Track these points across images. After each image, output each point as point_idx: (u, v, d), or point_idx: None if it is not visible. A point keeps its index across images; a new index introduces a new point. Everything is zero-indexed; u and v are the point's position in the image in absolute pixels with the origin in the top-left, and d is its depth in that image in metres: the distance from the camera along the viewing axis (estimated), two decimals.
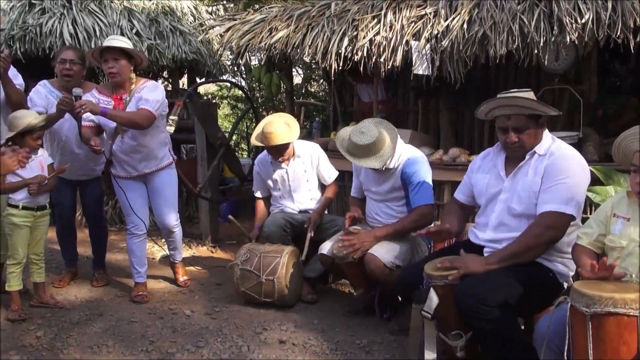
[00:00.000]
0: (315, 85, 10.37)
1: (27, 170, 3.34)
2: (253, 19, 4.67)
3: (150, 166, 3.72)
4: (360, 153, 3.19)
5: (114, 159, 3.68)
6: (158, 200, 3.80)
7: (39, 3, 5.61)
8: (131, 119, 3.45)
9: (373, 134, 3.17)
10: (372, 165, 3.20)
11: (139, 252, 3.81)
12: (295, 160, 3.90)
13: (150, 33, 5.99)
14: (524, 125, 2.48)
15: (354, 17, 4.16)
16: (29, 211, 3.39)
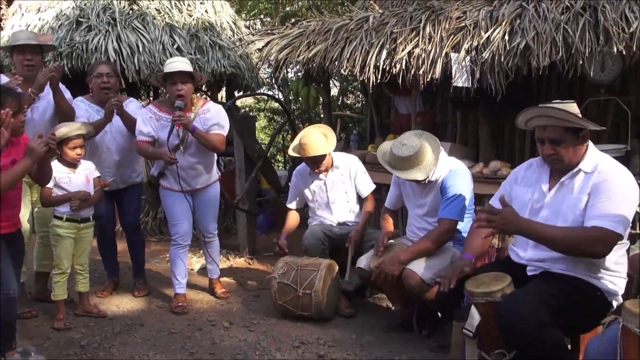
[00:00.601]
0: (351, 97, 10.39)
1: (71, 184, 3.46)
2: (291, 33, 4.73)
3: (202, 182, 3.85)
4: (403, 165, 3.16)
5: (169, 173, 3.78)
6: (202, 212, 3.93)
7: (86, 21, 5.83)
8: (213, 143, 3.68)
9: (415, 146, 3.15)
10: (415, 177, 3.16)
11: (181, 263, 3.89)
12: (333, 171, 3.91)
13: (191, 48, 6.15)
14: (560, 137, 2.41)
15: (392, 30, 4.16)
16: (73, 223, 3.50)
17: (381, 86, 5.29)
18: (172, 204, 3.82)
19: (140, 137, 3.67)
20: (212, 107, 3.79)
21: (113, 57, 5.58)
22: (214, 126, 3.70)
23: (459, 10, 4.11)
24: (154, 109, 3.73)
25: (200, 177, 3.83)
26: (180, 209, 3.81)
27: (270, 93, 9.64)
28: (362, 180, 3.96)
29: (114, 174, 3.92)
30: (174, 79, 3.60)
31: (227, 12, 7.13)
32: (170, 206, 3.83)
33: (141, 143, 3.67)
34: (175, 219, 3.83)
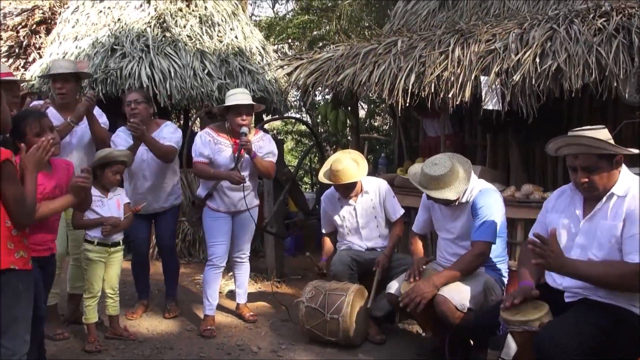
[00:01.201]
0: (379, 119, 10.41)
1: (104, 208, 3.52)
2: (320, 57, 4.77)
3: (248, 204, 3.94)
4: (434, 185, 3.13)
5: (217, 194, 3.88)
6: (240, 233, 4.02)
7: (120, 48, 6.01)
8: (268, 169, 3.89)
9: (447, 165, 3.13)
10: (446, 197, 3.12)
11: (214, 284, 3.91)
12: (363, 196, 3.89)
13: (221, 73, 6.26)
14: (593, 164, 2.36)
15: (420, 53, 4.17)
16: (104, 247, 3.54)
17: (409, 109, 5.29)
18: (214, 224, 3.89)
19: (200, 158, 3.80)
20: (265, 136, 3.99)
21: (146, 82, 5.72)
22: (268, 154, 3.91)
23: (488, 34, 4.10)
24: (212, 133, 3.86)
25: (245, 198, 3.91)
26: (221, 230, 3.89)
27: (298, 116, 9.72)
28: (392, 204, 3.93)
29: (150, 199, 3.98)
30: (239, 109, 3.76)
31: (257, 37, 7.26)
32: (212, 227, 3.90)
33: (200, 165, 3.80)
34: (215, 239, 3.89)
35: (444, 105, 4.11)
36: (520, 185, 4.19)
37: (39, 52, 7.65)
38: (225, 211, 3.89)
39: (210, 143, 3.80)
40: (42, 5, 8.16)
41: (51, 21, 7.94)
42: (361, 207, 3.88)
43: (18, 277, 2.28)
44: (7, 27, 7.90)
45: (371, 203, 3.89)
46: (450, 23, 5.10)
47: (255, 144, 3.85)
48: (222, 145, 3.81)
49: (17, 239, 2.31)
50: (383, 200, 3.90)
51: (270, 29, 11.20)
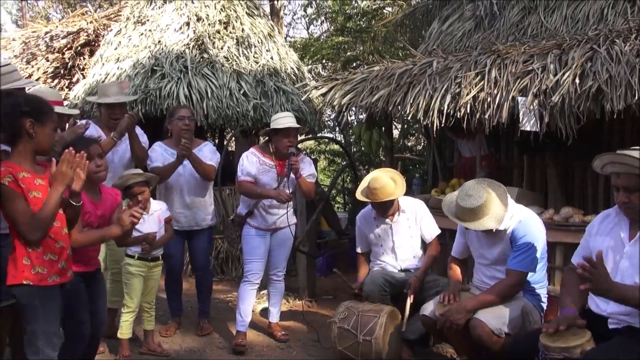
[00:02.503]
0: (412, 139, 10.36)
1: (145, 224, 3.59)
2: (354, 78, 4.81)
3: (285, 222, 4.00)
4: (471, 217, 3.09)
5: (258, 212, 3.96)
6: (278, 251, 4.06)
7: (160, 69, 6.19)
8: (310, 190, 4.02)
9: (481, 196, 3.07)
10: (486, 227, 3.07)
11: (248, 301, 3.94)
12: (399, 215, 3.86)
13: (256, 93, 6.38)
14: (634, 185, 2.30)
15: (456, 74, 4.15)
16: (144, 262, 3.62)
17: (444, 129, 5.26)
18: (253, 241, 3.95)
19: (247, 177, 3.89)
20: (305, 158, 4.07)
21: (184, 102, 5.86)
22: (309, 176, 3.99)
23: (525, 54, 4.06)
24: (258, 153, 3.96)
25: (284, 216, 3.98)
26: (259, 247, 3.95)
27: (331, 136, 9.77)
28: (428, 225, 3.89)
29: (186, 215, 4.05)
30: (288, 132, 3.86)
31: (292, 58, 7.37)
32: (251, 243, 3.96)
33: (246, 183, 3.89)
34: (252, 256, 3.94)
35: (479, 125, 4.07)
36: (559, 208, 4.10)
37: (82, 73, 7.95)
38: (265, 228, 3.96)
39: (256, 163, 3.90)
40: (87, 28, 8.49)
41: (95, 43, 8.26)
42: (397, 226, 3.85)
43: (33, 293, 2.32)
44: (53, 49, 8.23)
45: (407, 222, 3.86)
46: (487, 44, 5.08)
47: (300, 165, 3.92)
48: (266, 166, 3.91)
49: (36, 254, 2.33)
50: (420, 220, 3.87)
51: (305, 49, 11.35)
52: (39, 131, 2.33)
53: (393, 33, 8.10)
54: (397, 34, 8.01)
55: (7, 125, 2.32)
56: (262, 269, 3.98)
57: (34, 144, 2.35)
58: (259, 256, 3.95)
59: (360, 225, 4.00)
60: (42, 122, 2.34)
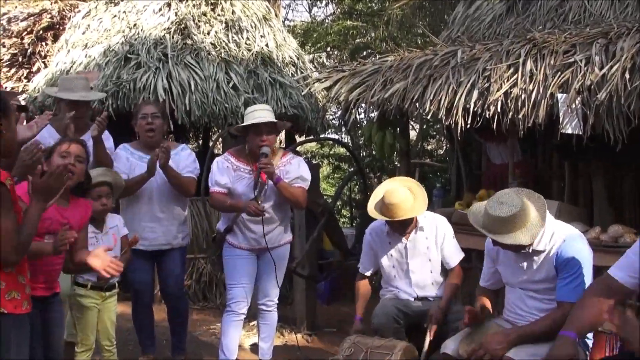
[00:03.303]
0: (432, 142, 10.38)
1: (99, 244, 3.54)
2: (365, 69, 4.82)
3: (273, 242, 3.92)
4: (502, 228, 3.05)
5: (238, 228, 3.89)
6: (267, 275, 3.98)
7: (135, 57, 6.22)
8: (297, 197, 3.86)
9: (515, 203, 3.05)
10: (518, 241, 3.04)
11: (232, 335, 3.90)
12: (417, 233, 3.82)
13: (248, 86, 6.40)
14: None
15: (485, 66, 4.16)
16: (98, 291, 3.52)
17: (470, 131, 5.25)
18: (235, 263, 3.89)
19: (216, 187, 3.82)
20: (294, 158, 3.98)
21: (162, 96, 5.88)
22: (296, 180, 3.87)
23: (566, 44, 4.06)
24: (232, 158, 3.90)
25: (272, 234, 3.90)
26: (243, 270, 3.88)
27: (336, 137, 9.79)
28: (450, 247, 3.84)
29: (155, 231, 3.99)
30: (260, 129, 3.77)
31: (291, 45, 7.39)
32: (232, 266, 3.90)
33: (217, 194, 3.82)
34: (234, 280, 3.89)
35: (512, 127, 4.07)
36: (607, 226, 4.08)
37: (44, 61, 7.99)
38: (247, 248, 3.89)
39: (229, 170, 3.83)
40: (51, 9, 8.54)
41: (59, 27, 8.31)
42: (413, 245, 3.82)
43: (10, 324, 2.29)
44: (11, 33, 8.29)
45: (425, 242, 3.83)
46: (520, 31, 5.10)
47: (281, 169, 3.86)
48: (241, 171, 3.84)
49: (10, 277, 2.31)
50: (441, 241, 3.83)
51: (306, 35, 11.39)
52: (6, 128, 2.26)
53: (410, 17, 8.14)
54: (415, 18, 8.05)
55: None
56: (249, 295, 3.92)
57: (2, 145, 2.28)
58: (243, 281, 3.87)
59: (371, 241, 3.95)
60: (7, 115, 2.28)
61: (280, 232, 3.98)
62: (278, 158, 3.91)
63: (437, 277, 3.86)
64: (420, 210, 3.73)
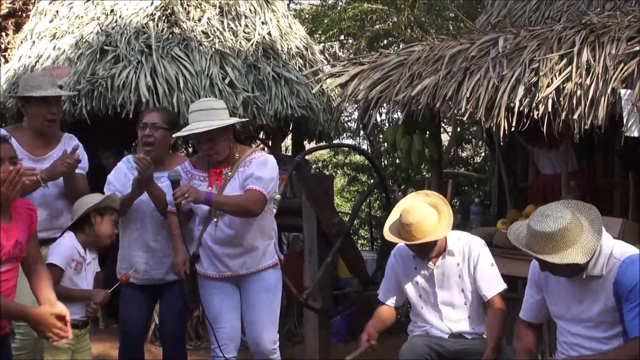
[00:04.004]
0: (468, 148, 10.38)
1: (80, 277, 3.61)
2: (387, 62, 4.84)
3: (249, 265, 3.88)
4: (547, 246, 3.04)
5: (203, 252, 3.89)
6: (253, 313, 3.92)
7: (113, 49, 6.26)
8: (241, 205, 3.73)
9: (564, 217, 3.06)
10: (570, 260, 3.02)
11: None
12: (445, 258, 3.83)
13: (247, 83, 6.43)
14: None
15: (532, 56, 4.17)
16: (74, 330, 3.56)
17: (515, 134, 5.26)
18: (211, 299, 3.88)
19: (170, 207, 3.85)
20: (256, 158, 3.89)
21: (145, 95, 5.92)
22: (247, 180, 3.78)
23: (630, 29, 4.08)
24: (189, 166, 3.95)
25: (245, 256, 3.86)
26: (222, 306, 3.87)
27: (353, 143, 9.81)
28: (485, 274, 3.81)
29: (148, 263, 4.01)
30: (198, 138, 3.80)
31: (297, 33, 7.44)
32: (209, 302, 3.90)
33: (173, 216, 3.85)
34: (215, 321, 3.87)
35: (565, 130, 4.08)
36: None
37: (4, 55, 8.08)
38: (216, 276, 3.87)
39: (182, 181, 3.82)
40: None
41: (23, 14, 8.40)
42: (441, 272, 3.81)
43: None
44: None
45: (456, 269, 3.82)
46: (574, 13, 5.10)
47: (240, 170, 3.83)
48: (197, 180, 3.88)
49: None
50: (473, 267, 3.82)
51: (316, 22, 11.44)
52: None
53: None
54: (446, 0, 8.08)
55: None
56: (236, 334, 3.90)
57: None
58: (224, 321, 3.86)
59: (395, 265, 3.95)
60: None
61: (256, 255, 3.91)
62: (242, 159, 3.88)
63: (474, 310, 3.84)
64: (444, 232, 3.73)
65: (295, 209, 5.50)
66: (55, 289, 3.48)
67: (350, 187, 11.45)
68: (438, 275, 3.83)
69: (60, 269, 3.55)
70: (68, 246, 3.64)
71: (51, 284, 3.00)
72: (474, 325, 3.84)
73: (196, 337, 6.12)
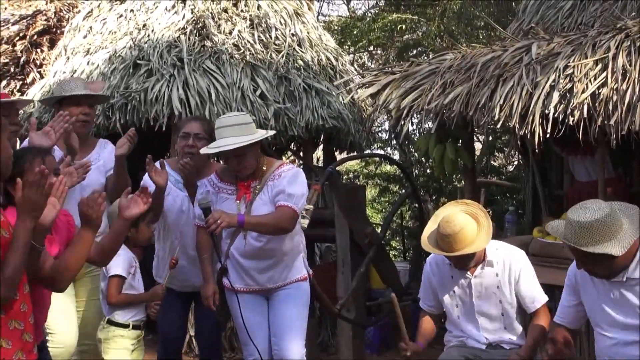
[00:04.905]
0: (500, 157, 10.31)
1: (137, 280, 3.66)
2: (419, 71, 4.84)
3: (277, 279, 3.90)
4: (584, 236, 3.02)
5: (231, 264, 3.90)
6: (279, 325, 3.91)
7: (145, 63, 6.34)
8: (274, 225, 3.74)
9: (602, 209, 3.05)
10: (605, 250, 3.00)
11: None
12: (484, 268, 3.79)
13: (278, 94, 6.46)
14: None
15: (566, 62, 4.15)
16: (137, 331, 3.66)
17: (549, 142, 5.22)
18: (238, 314, 3.86)
19: (197, 220, 3.87)
20: (286, 172, 3.88)
21: (178, 108, 5.97)
22: (278, 196, 3.78)
23: None
24: (215, 179, 3.94)
25: (274, 270, 3.87)
26: (252, 320, 3.87)
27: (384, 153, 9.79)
28: (529, 287, 3.77)
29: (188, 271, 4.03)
30: (226, 155, 3.79)
31: (328, 45, 7.46)
32: (238, 316, 3.88)
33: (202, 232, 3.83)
34: (245, 335, 3.86)
35: (601, 136, 4.04)
36: None
37: (40, 71, 8.20)
38: (244, 289, 3.87)
39: (209, 194, 3.84)
40: (46, 10, 8.78)
41: (57, 30, 8.53)
42: (480, 283, 3.78)
43: None
44: (1, 39, 8.53)
45: (495, 280, 3.78)
46: (609, 18, 5.07)
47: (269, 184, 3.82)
48: (224, 193, 3.87)
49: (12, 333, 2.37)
50: (515, 279, 3.76)
51: (345, 32, 11.47)
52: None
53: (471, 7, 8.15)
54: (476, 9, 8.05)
55: None
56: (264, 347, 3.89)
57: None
58: (253, 332, 3.84)
59: (430, 274, 3.93)
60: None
61: (284, 269, 3.92)
62: (270, 172, 3.88)
63: (512, 321, 3.80)
64: (483, 243, 3.68)
65: (328, 220, 5.51)
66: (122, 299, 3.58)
67: (380, 197, 11.41)
68: (476, 286, 3.79)
69: (124, 278, 3.62)
70: (125, 255, 3.71)
71: None
72: (510, 335, 3.80)
73: (230, 349, 6.12)
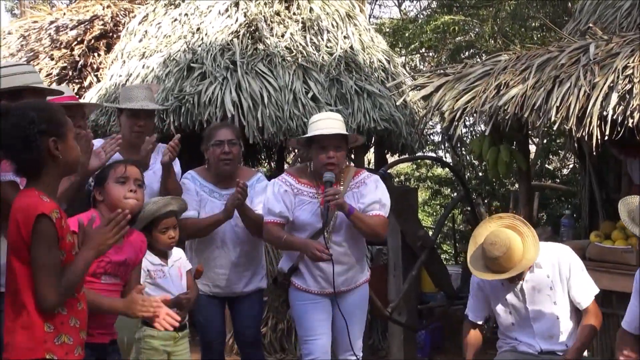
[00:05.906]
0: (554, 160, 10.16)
1: (168, 279, 3.67)
2: (473, 72, 4.81)
3: (349, 282, 3.93)
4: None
5: (304, 267, 3.90)
6: (343, 326, 3.93)
7: (199, 66, 6.43)
8: (375, 230, 3.82)
9: None
10: None
11: None
12: (533, 272, 3.73)
13: (330, 97, 6.48)
14: None
15: (625, 63, 4.08)
16: (170, 332, 3.65)
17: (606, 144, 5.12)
18: (306, 311, 3.90)
19: (270, 217, 3.84)
20: (367, 178, 3.94)
21: (231, 111, 6.03)
22: (373, 205, 3.83)
23: None
24: (291, 179, 3.91)
25: (348, 273, 3.91)
26: (318, 319, 3.89)
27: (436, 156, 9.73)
28: (580, 283, 3.71)
29: (229, 278, 4.05)
30: (324, 143, 3.75)
31: (379, 47, 7.45)
32: (303, 315, 3.91)
33: (271, 225, 3.83)
34: (309, 332, 3.90)
35: None
36: None
37: (96, 74, 8.40)
38: (318, 292, 3.89)
39: (287, 194, 3.84)
40: (103, 15, 8.99)
41: (113, 35, 8.72)
42: (531, 287, 3.71)
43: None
44: (59, 44, 8.76)
45: (547, 281, 3.72)
46: None
47: (354, 191, 3.85)
48: (304, 195, 3.85)
49: (61, 318, 2.41)
50: (566, 276, 3.71)
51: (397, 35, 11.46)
52: (63, 148, 2.42)
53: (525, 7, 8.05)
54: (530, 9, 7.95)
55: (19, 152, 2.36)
56: (328, 348, 3.92)
57: (61, 167, 2.44)
58: (318, 332, 3.87)
59: (480, 282, 3.87)
60: (64, 135, 2.43)
61: (356, 272, 3.97)
62: (349, 177, 3.90)
63: (567, 323, 3.75)
64: (534, 253, 3.60)
65: None
66: None
67: (432, 200, 11.36)
68: (528, 290, 3.74)
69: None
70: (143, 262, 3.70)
71: None
72: (566, 340, 3.74)
73: (281, 350, 6.14)
